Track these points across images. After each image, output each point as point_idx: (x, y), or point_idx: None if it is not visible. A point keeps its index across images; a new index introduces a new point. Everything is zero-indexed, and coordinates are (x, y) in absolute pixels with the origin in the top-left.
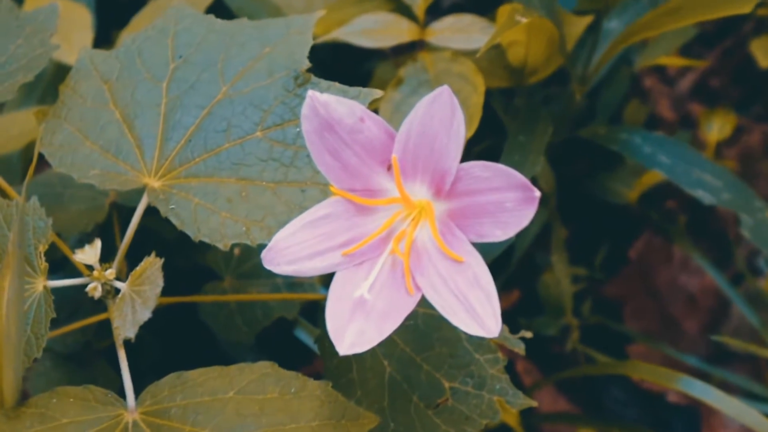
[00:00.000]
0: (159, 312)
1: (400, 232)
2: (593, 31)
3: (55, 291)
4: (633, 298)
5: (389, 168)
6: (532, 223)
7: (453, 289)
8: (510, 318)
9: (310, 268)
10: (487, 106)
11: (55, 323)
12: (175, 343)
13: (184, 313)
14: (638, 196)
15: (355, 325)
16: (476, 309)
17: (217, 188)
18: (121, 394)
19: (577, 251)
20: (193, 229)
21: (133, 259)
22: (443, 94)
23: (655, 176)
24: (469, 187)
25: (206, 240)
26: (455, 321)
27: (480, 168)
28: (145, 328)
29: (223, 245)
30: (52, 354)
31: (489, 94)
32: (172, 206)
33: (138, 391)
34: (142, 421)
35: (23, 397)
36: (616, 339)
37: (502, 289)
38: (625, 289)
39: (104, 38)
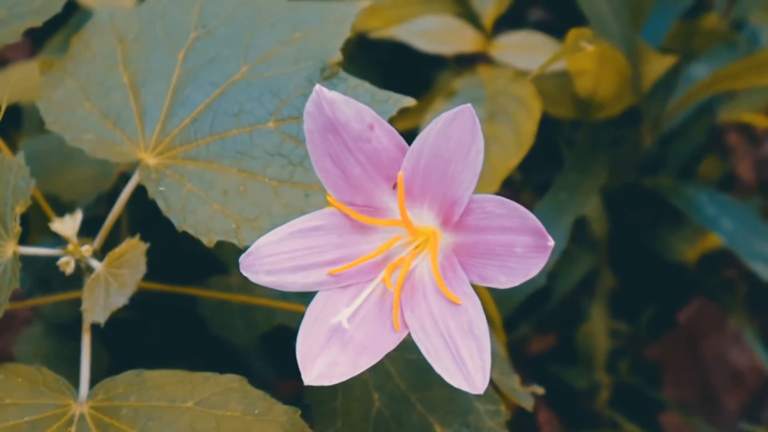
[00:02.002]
0: (162, 296)
1: (396, 259)
2: (675, 72)
3: (48, 257)
4: (675, 365)
5: (395, 186)
6: (576, 266)
7: (443, 332)
8: (541, 363)
9: (290, 282)
10: (551, 135)
11: (48, 291)
12: (177, 329)
13: (189, 300)
14: (697, 258)
15: (328, 355)
16: (465, 360)
17: (214, 176)
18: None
19: (623, 305)
20: (179, 218)
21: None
22: (465, 113)
23: (718, 239)
24: (479, 223)
25: (190, 231)
26: (439, 369)
27: (494, 203)
28: (145, 311)
29: (207, 240)
30: (44, 322)
31: (555, 123)
32: (162, 188)
33: None
34: (90, 417)
35: (9, 359)
36: (650, 404)
37: (539, 330)
38: (667, 354)
39: None
